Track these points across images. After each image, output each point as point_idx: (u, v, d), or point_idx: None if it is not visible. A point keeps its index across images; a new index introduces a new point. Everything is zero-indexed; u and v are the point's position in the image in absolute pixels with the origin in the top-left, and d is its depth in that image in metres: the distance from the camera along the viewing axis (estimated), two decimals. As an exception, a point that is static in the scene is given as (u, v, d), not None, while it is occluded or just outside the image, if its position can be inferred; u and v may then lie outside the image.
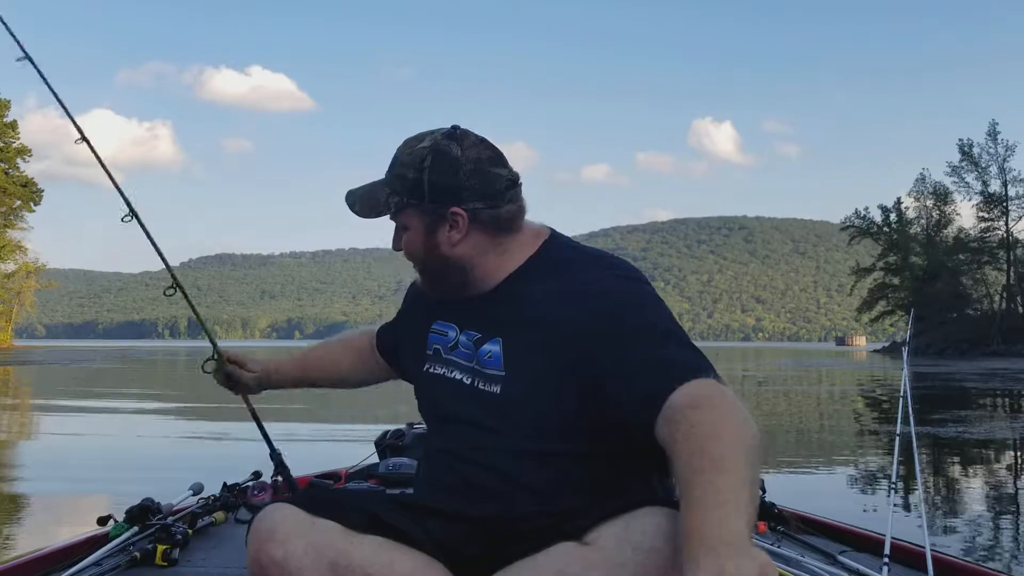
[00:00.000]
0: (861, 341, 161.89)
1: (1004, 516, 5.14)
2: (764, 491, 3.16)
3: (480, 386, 1.50)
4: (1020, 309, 60.46)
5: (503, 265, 1.56)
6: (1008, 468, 7.22)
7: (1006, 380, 22.09)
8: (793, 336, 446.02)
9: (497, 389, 1.47)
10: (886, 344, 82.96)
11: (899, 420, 3.15)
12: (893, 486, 2.91)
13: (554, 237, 1.60)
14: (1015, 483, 6.37)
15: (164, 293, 2.36)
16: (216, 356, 2.16)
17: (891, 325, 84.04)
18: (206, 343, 2.24)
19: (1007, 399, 16.20)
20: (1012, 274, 61.40)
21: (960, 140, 64.92)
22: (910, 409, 3.11)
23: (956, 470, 6.96)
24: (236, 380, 2.14)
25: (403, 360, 1.78)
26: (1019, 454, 8.08)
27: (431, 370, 1.61)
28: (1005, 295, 61.40)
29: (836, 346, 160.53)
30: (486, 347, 1.51)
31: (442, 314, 1.62)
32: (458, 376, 1.55)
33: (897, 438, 3.08)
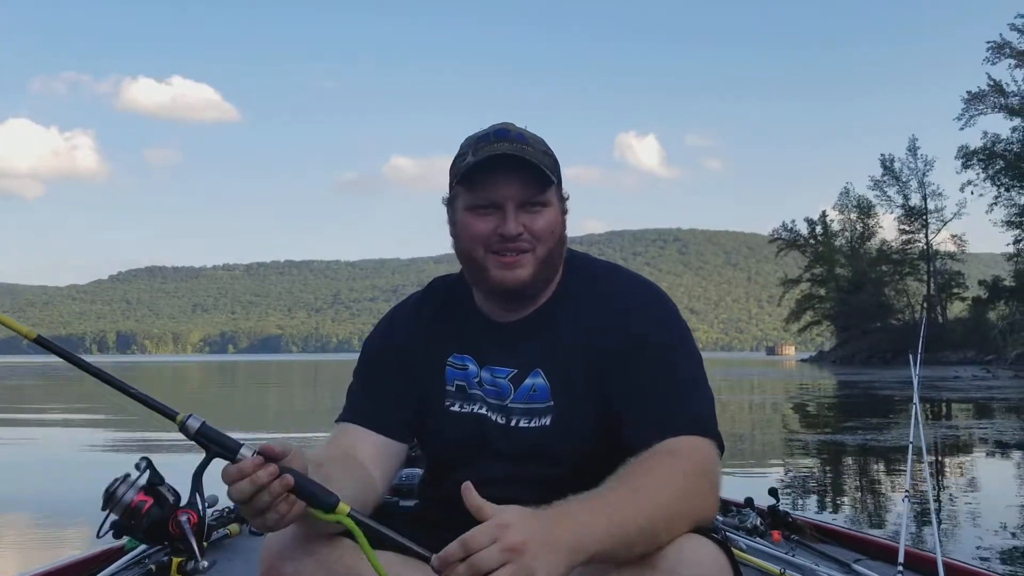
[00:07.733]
0: (790, 351, 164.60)
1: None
2: (778, 500, 3.28)
3: (521, 424, 1.44)
4: (940, 319, 62.51)
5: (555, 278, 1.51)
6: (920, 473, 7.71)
7: (923, 388, 23.01)
8: (726, 346, 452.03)
9: (547, 421, 1.43)
10: (813, 354, 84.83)
11: (911, 430, 3.23)
12: (907, 494, 2.97)
13: (570, 250, 1.57)
14: (934, 489, 6.85)
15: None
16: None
17: (818, 335, 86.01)
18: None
19: (927, 405, 16.98)
20: (932, 285, 63.35)
21: (882, 155, 66.73)
22: (920, 421, 3.21)
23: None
24: None
25: (408, 412, 1.53)
26: (938, 459, 8.62)
27: (458, 408, 1.51)
28: (926, 305, 63.34)
29: (767, 356, 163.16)
30: (528, 382, 1.45)
31: (455, 346, 1.53)
32: (492, 416, 1.47)
33: (910, 445, 3.17)
